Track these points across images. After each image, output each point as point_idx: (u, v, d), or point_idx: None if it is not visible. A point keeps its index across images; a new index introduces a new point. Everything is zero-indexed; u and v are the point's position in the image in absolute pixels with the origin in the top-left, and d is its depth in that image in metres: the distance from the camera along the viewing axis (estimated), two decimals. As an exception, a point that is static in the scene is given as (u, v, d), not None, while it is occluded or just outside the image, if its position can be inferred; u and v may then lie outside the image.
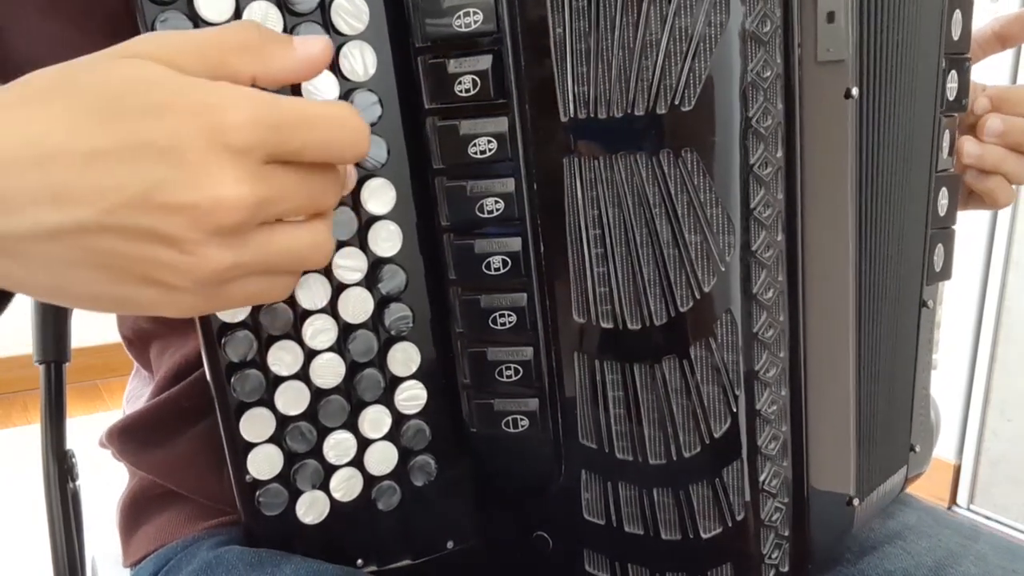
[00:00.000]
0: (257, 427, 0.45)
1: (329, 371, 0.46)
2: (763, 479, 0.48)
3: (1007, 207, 0.68)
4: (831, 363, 0.50)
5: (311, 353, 0.46)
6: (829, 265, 0.48)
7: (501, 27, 0.43)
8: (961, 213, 0.60)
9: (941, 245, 0.57)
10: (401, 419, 0.49)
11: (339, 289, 0.45)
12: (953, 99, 0.55)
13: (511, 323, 0.47)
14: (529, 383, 0.48)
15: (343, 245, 0.45)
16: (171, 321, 0.53)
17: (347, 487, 0.48)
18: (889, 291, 0.53)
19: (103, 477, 0.78)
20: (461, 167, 0.45)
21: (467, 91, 0.44)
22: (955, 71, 0.55)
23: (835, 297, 0.49)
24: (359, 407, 0.47)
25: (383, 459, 0.49)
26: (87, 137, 0.30)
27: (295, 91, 0.42)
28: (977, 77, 0.59)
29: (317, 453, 0.47)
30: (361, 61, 0.43)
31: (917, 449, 0.60)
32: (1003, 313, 1.91)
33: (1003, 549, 0.57)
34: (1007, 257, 1.88)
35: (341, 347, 0.46)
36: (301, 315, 0.45)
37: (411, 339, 0.48)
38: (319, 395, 0.46)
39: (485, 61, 0.44)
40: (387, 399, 0.48)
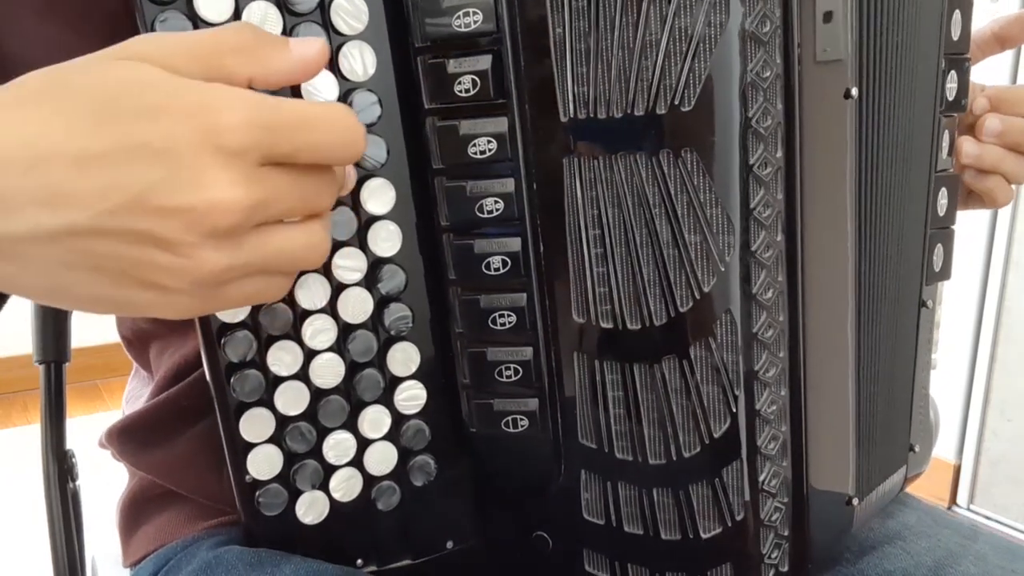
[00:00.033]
0: (257, 427, 0.45)
1: (329, 371, 0.46)
2: (763, 479, 0.48)
3: (1006, 206, 0.68)
4: (830, 363, 0.50)
5: (311, 353, 0.46)
6: (828, 265, 0.48)
7: (501, 27, 0.43)
8: (961, 213, 0.60)
9: (940, 245, 0.57)
10: (401, 419, 0.49)
11: (339, 289, 0.45)
12: (952, 99, 0.55)
13: (511, 323, 0.47)
14: (529, 383, 0.48)
15: (343, 245, 0.45)
16: (170, 321, 0.53)
17: (347, 487, 0.48)
18: (888, 291, 0.53)
19: (103, 477, 0.78)
20: (461, 167, 0.45)
21: (467, 91, 0.44)
22: (955, 71, 0.55)
23: (834, 297, 0.49)
24: (359, 407, 0.47)
25: (383, 459, 0.49)
26: (82, 139, 0.30)
27: (295, 92, 0.42)
28: (977, 77, 0.59)
29: (317, 453, 0.47)
30: (361, 61, 0.43)
31: (916, 449, 0.60)
32: (1003, 313, 1.91)
33: (1003, 549, 0.57)
34: (1007, 257, 1.88)
35: (341, 347, 0.46)
36: (301, 315, 0.45)
37: (411, 339, 0.48)
38: (319, 395, 0.46)
39: (485, 61, 0.44)
40: (387, 399, 0.48)
